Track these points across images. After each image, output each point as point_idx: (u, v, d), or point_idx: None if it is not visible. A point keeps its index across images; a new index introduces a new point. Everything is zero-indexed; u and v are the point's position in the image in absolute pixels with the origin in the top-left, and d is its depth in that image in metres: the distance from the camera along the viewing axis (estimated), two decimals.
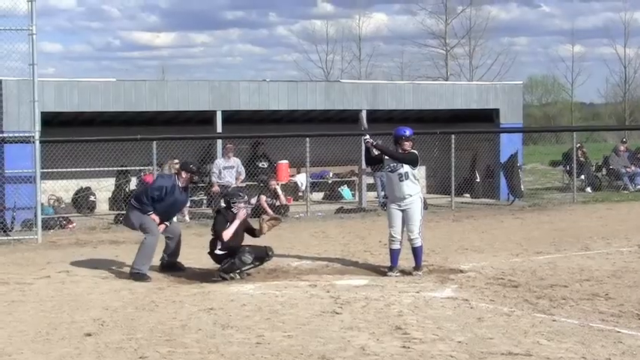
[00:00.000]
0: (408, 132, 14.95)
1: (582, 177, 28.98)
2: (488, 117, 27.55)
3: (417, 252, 14.76)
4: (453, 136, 25.34)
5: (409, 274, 14.55)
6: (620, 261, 15.74)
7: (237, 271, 14.35)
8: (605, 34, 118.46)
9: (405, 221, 14.68)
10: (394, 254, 14.76)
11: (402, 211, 14.66)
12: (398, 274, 14.55)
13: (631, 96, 74.01)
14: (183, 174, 15.11)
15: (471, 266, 15.21)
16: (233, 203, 14.57)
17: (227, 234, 14.34)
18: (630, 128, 53.54)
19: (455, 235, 19.26)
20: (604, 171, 30.82)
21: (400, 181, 14.63)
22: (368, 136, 15.27)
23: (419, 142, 25.74)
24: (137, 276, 14.42)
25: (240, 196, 14.82)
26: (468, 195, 27.17)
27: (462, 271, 14.63)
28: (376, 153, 15.25)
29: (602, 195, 27.80)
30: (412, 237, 14.64)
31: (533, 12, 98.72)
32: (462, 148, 25.77)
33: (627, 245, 17.40)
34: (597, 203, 26.16)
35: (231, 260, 14.26)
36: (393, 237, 14.71)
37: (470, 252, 16.88)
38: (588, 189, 28.83)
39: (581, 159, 29.25)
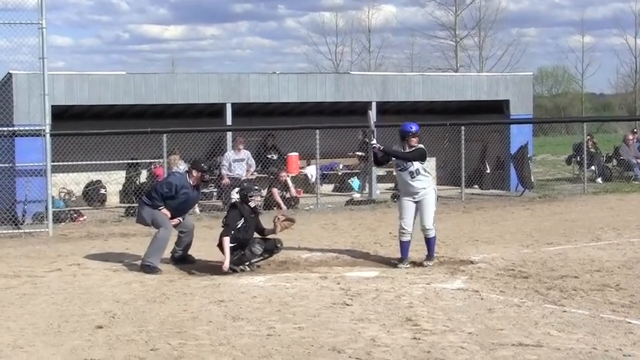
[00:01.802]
0: (414, 128, 14.87)
1: (593, 168, 28.95)
2: (498, 108, 27.51)
3: (430, 242, 14.82)
4: (462, 128, 25.31)
5: (420, 265, 14.57)
6: (631, 252, 15.73)
7: (247, 263, 14.38)
8: (615, 25, 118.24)
9: (420, 212, 14.75)
10: (404, 246, 14.75)
11: (416, 202, 14.74)
12: (408, 265, 14.57)
13: None
14: (194, 172, 15.10)
15: (481, 257, 15.21)
16: (251, 197, 14.59)
17: (226, 241, 14.26)
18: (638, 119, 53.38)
19: (465, 227, 19.25)
20: (614, 162, 30.78)
21: (412, 178, 14.70)
22: (375, 141, 15.08)
23: (429, 133, 25.87)
24: (148, 269, 14.45)
25: (256, 190, 14.86)
26: (477, 186, 27.15)
27: (472, 263, 14.64)
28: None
29: (613, 186, 27.77)
30: (427, 227, 14.70)
31: (542, 2, 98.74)
32: (471, 140, 25.75)
33: (638, 236, 17.38)
34: (608, 194, 26.13)
35: (241, 252, 14.29)
36: (403, 229, 14.69)
37: (480, 243, 16.88)
38: (599, 180, 28.80)
39: (592, 150, 29.22)
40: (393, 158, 15.02)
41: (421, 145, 14.88)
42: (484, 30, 66.03)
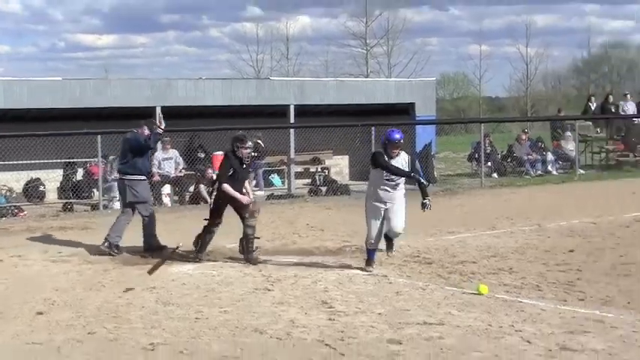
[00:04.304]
0: (398, 136, 13.13)
1: (489, 164, 29.23)
2: (404, 110, 27.71)
3: (393, 241, 13.64)
4: (373, 128, 25.40)
5: (336, 252, 14.59)
6: (523, 239, 15.95)
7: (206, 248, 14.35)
8: (508, 35, 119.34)
9: (390, 216, 13.12)
10: (373, 253, 13.36)
11: (386, 209, 13.12)
12: (375, 267, 13.33)
13: (532, 90, 75.11)
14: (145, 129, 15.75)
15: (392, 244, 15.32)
16: (237, 148, 14.25)
17: (227, 187, 14.09)
18: (531, 119, 54.03)
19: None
20: (509, 159, 31.12)
21: (395, 189, 13.19)
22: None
23: (343, 133, 26.06)
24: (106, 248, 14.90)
25: (243, 141, 14.38)
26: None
27: (381, 250, 14.71)
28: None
29: (507, 180, 28.07)
30: (398, 232, 13.31)
31: (443, 15, 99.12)
32: (379, 139, 25.87)
33: (528, 225, 17.62)
34: (503, 188, 26.42)
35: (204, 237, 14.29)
36: (373, 241, 13.22)
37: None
38: (495, 175, 29.07)
39: (488, 148, 29.50)
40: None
41: (408, 157, 13.40)
42: (392, 39, 66.45)
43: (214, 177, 23.37)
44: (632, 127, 32.36)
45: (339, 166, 28.08)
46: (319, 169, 26.82)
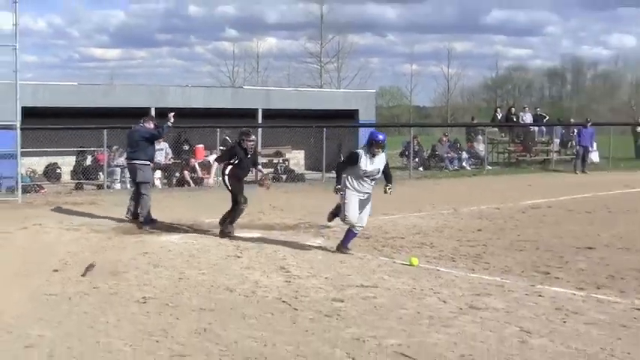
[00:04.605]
0: (381, 137, 11.95)
1: (417, 160, 29.29)
2: (350, 115, 27.68)
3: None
4: (324, 129, 25.39)
5: (293, 227, 14.58)
6: (442, 220, 16.03)
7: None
8: (434, 57, 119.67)
9: (364, 207, 12.25)
10: (354, 236, 12.37)
11: (363, 200, 12.24)
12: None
13: (451, 102, 75.79)
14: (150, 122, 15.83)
15: (336, 223, 15.25)
16: (242, 140, 13.88)
17: (217, 163, 14.11)
18: (450, 125, 54.10)
19: (325, 201, 19.23)
20: (432, 156, 31.17)
21: (371, 184, 12.26)
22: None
23: (301, 133, 26.00)
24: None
25: (248, 134, 14.02)
26: (334, 172, 27.22)
27: (329, 227, 14.72)
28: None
29: (431, 173, 28.17)
30: (362, 225, 12.33)
31: (383, 40, 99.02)
32: (331, 138, 25.83)
33: (446, 209, 17.72)
34: (427, 179, 26.51)
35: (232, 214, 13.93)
36: (355, 221, 12.16)
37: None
38: (421, 169, 29.16)
39: (416, 147, 29.57)
40: (370, 168, 12.05)
41: (385, 157, 12.32)
42: (341, 58, 66.57)
43: (196, 165, 23.50)
44: (529, 133, 32.65)
45: (296, 158, 28.04)
46: (281, 161, 26.75)
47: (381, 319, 8.32)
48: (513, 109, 36.37)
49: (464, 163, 30.21)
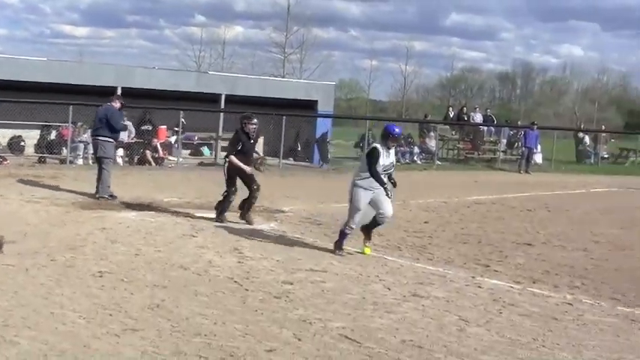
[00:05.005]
0: (397, 130, 11.06)
1: None
2: (310, 105, 27.71)
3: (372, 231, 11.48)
4: (284, 117, 25.39)
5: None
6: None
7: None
8: (392, 55, 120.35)
9: (381, 199, 10.94)
10: (346, 237, 11.29)
11: (375, 194, 10.93)
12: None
13: (407, 98, 76.21)
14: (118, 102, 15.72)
15: (289, 209, 15.34)
16: (244, 124, 13.26)
17: (233, 159, 13.17)
18: (405, 120, 54.27)
19: (281, 187, 19.31)
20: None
21: (388, 178, 11.10)
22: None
23: (261, 120, 25.84)
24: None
25: (250, 118, 13.41)
26: (291, 159, 27.26)
27: (283, 212, 14.75)
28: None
29: None
30: (389, 216, 11.17)
31: (345, 35, 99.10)
32: (290, 126, 25.87)
33: (396, 200, 17.68)
34: None
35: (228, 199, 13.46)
36: (355, 226, 11.17)
37: (290, 199, 17.00)
38: None
39: (371, 139, 29.63)
40: (387, 163, 11.00)
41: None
42: (304, 50, 66.66)
43: (158, 145, 23.36)
44: (478, 132, 32.90)
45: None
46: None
47: (327, 302, 8.35)
48: (465, 108, 36.63)
49: (415, 158, 30.35)
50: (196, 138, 26.85)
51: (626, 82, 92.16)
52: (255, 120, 13.43)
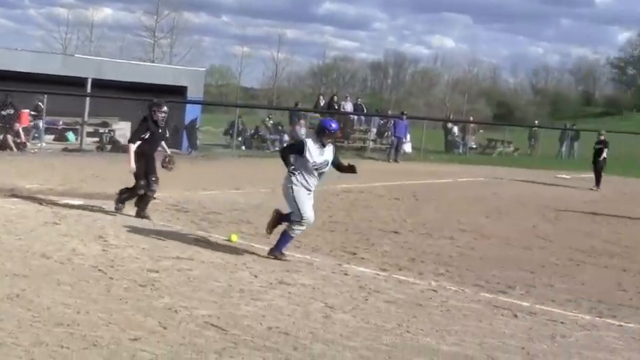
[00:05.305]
0: (334, 126, 10.25)
1: (240, 139, 29.38)
2: (179, 91, 27.49)
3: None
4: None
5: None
6: (259, 198, 16.11)
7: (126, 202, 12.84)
8: (264, 42, 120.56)
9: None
10: (290, 240, 10.47)
11: (310, 197, 10.30)
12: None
13: (278, 86, 76.57)
14: None
15: (156, 196, 15.16)
16: (154, 111, 12.51)
17: (131, 146, 12.46)
18: (276, 108, 54.54)
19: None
20: (255, 136, 31.36)
21: (317, 178, 10.27)
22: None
23: (130, 106, 25.52)
24: None
25: (160, 106, 12.64)
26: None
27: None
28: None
29: (253, 153, 28.37)
30: (311, 223, 10.45)
31: (217, 20, 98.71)
32: None
33: (265, 188, 17.82)
34: (249, 158, 26.72)
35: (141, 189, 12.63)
36: (305, 223, 10.30)
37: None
38: (243, 147, 29.34)
39: (241, 126, 29.71)
40: (319, 160, 10.11)
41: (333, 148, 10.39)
42: (175, 34, 66.03)
43: (20, 130, 22.70)
44: (348, 121, 33.38)
45: (123, 130, 27.51)
46: (107, 131, 26.25)
47: (194, 290, 8.34)
48: (336, 97, 37.06)
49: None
50: (61, 123, 26.22)
51: (496, 75, 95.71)
52: (166, 108, 12.72)
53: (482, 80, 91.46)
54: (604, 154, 24.85)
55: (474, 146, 38.82)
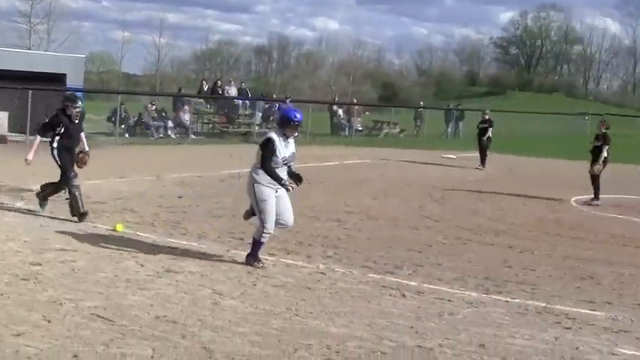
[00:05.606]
0: (298, 116, 9.57)
1: (123, 126, 28.92)
2: (58, 79, 26.87)
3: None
4: (30, 92, 24.52)
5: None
6: (144, 186, 15.93)
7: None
8: (146, 26, 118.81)
9: (282, 207, 9.58)
10: (263, 246, 9.73)
11: (277, 195, 9.49)
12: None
13: (161, 71, 75.87)
14: None
15: (37, 187, 14.84)
16: (66, 106, 12.04)
17: (37, 138, 12.23)
18: (158, 94, 53.84)
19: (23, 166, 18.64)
20: (139, 123, 30.89)
21: (285, 172, 9.58)
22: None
23: (5, 95, 24.80)
24: None
25: (74, 101, 12.17)
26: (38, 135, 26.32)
27: (31, 191, 14.22)
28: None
29: (137, 140, 28.00)
30: (290, 224, 9.92)
31: (96, 5, 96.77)
32: (38, 101, 24.94)
33: (149, 175, 17.65)
34: (132, 145, 26.36)
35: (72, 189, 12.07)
36: (272, 231, 9.59)
37: (37, 177, 16.36)
38: (127, 135, 28.95)
39: (123, 113, 29.28)
40: (287, 154, 9.55)
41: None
42: (52, 20, 64.45)
43: None
44: (233, 106, 33.34)
45: (0, 119, 26.82)
46: None
47: (78, 282, 8.22)
48: (220, 82, 36.88)
49: (169, 132, 30.29)
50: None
51: (381, 56, 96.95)
52: (80, 103, 12.28)
53: (367, 62, 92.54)
54: (489, 133, 25.49)
55: (360, 128, 39.29)
